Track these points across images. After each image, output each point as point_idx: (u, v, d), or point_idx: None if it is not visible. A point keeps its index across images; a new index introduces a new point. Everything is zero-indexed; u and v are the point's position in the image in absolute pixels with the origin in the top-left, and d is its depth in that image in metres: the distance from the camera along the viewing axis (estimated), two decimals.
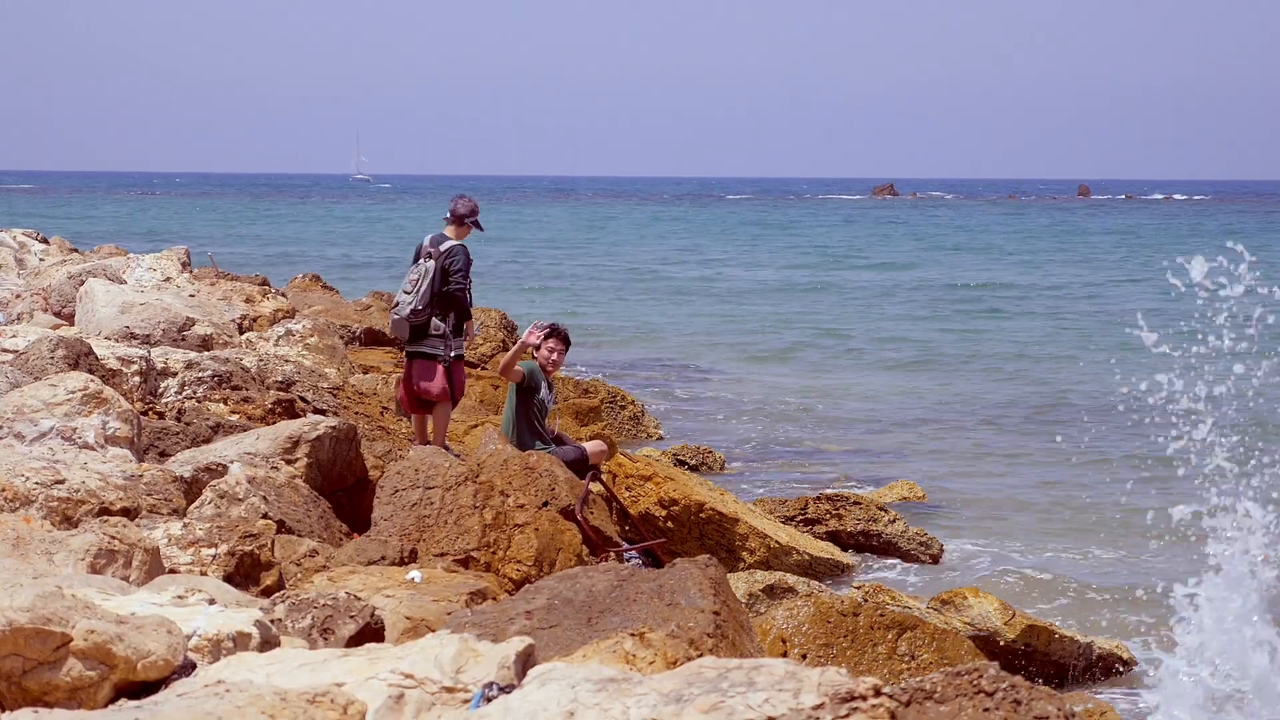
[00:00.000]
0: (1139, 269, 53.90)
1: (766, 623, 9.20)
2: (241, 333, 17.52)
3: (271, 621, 5.87)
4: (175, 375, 13.01)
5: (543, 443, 12.30)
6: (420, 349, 12.73)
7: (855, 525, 13.32)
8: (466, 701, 4.68)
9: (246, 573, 7.49)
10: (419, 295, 12.60)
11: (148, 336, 15.25)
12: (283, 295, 21.91)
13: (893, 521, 13.36)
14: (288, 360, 15.06)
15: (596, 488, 11.66)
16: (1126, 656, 10.50)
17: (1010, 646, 10.17)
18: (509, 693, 4.54)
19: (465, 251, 12.73)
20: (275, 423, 11.16)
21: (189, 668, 5.01)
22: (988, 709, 4.26)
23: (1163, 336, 8.31)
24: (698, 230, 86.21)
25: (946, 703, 4.31)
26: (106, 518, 7.33)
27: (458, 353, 12.78)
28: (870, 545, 13.24)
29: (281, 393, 13.04)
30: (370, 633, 6.40)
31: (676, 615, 6.33)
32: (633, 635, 5.55)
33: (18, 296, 18.12)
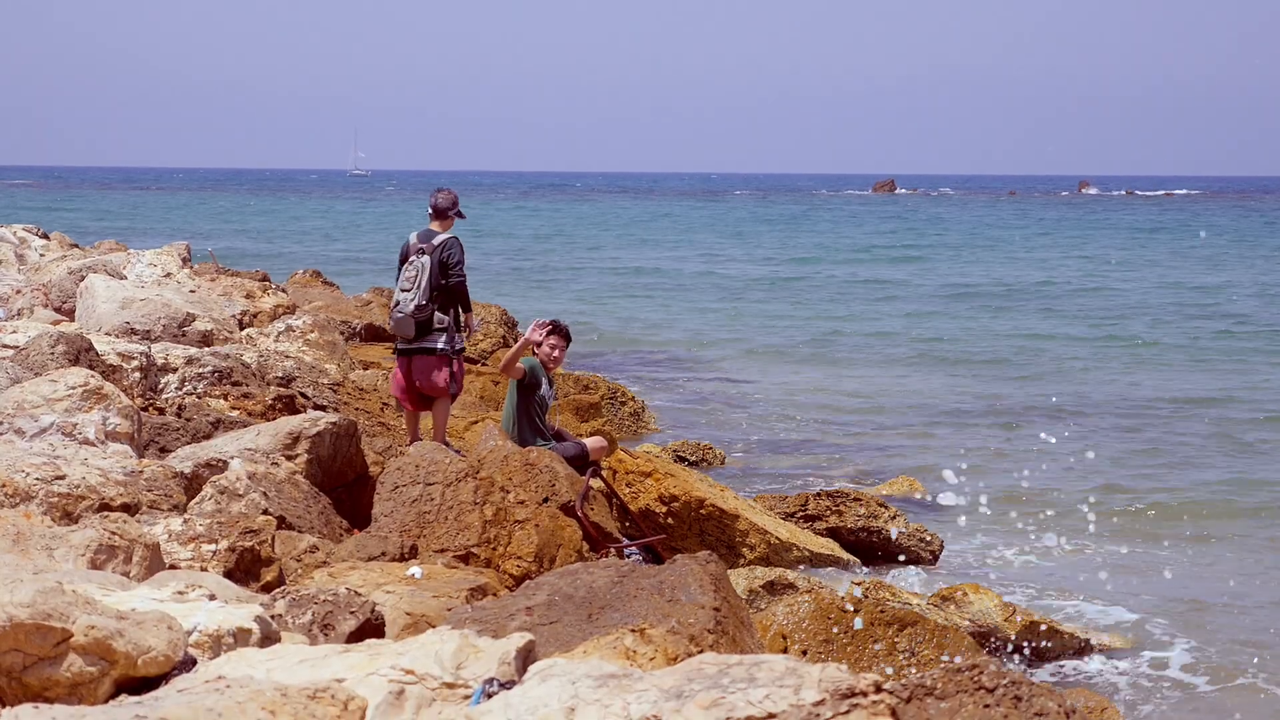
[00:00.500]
0: (1140, 265, 53.95)
1: (767, 619, 9.20)
2: (242, 328, 17.52)
3: (272, 617, 5.87)
4: (175, 371, 13.02)
5: (543, 439, 12.29)
6: (422, 344, 12.69)
7: (856, 522, 13.30)
8: (467, 697, 4.68)
9: (247, 568, 7.50)
10: (420, 291, 12.57)
11: (148, 332, 15.25)
12: (283, 291, 21.89)
13: (893, 518, 13.34)
14: (288, 356, 15.07)
15: (597, 484, 11.65)
16: (1127, 652, 10.50)
17: (1010, 642, 10.17)
18: (509, 689, 4.53)
19: (459, 243, 12.76)
20: (275, 419, 11.15)
21: (189, 663, 5.01)
22: (988, 705, 4.27)
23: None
24: (699, 226, 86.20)
25: (947, 699, 4.31)
26: (107, 513, 7.33)
27: (460, 346, 12.77)
28: (871, 542, 13.23)
29: (282, 388, 13.04)
30: (371, 628, 6.41)
31: (677, 611, 6.33)
32: (633, 631, 5.55)
33: (18, 292, 18.13)
